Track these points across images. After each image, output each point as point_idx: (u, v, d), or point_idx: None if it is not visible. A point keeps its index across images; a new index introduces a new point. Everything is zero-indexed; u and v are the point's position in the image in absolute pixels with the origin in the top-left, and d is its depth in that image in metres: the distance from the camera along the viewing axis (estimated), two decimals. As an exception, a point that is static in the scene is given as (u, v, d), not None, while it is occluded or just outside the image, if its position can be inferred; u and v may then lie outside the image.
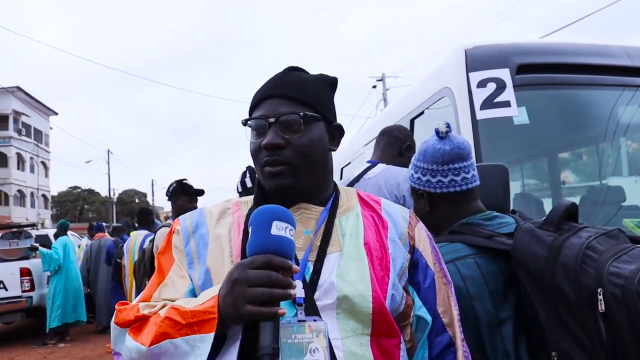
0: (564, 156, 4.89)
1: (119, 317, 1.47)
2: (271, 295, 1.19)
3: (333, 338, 1.34)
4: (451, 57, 3.93)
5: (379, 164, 3.51)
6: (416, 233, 1.59)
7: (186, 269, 1.51)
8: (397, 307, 1.45)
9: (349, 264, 1.43)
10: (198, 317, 1.29)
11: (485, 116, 3.49)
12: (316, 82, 1.59)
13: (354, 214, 1.57)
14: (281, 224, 1.26)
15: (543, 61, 3.75)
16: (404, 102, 5.28)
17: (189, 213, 1.65)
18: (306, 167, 1.50)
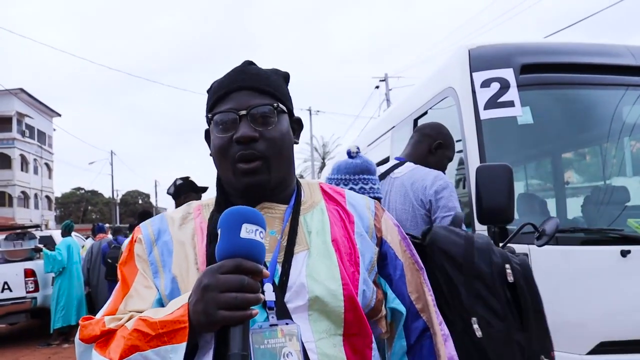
0: (568, 156, 4.88)
1: (83, 333, 1.38)
2: (244, 299, 1.15)
3: (306, 341, 1.31)
4: (455, 57, 3.93)
5: (407, 163, 3.46)
6: (383, 224, 1.56)
7: (151, 279, 1.45)
8: (368, 303, 1.44)
9: (318, 262, 1.39)
10: (168, 327, 1.22)
11: (489, 116, 3.49)
12: (275, 76, 1.54)
13: (318, 209, 1.52)
14: (251, 226, 1.21)
15: (547, 61, 3.75)
16: (408, 102, 5.29)
17: (149, 220, 1.58)
18: (278, 161, 1.45)
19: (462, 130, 3.61)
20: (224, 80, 1.49)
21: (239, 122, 1.41)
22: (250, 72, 1.49)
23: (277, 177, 1.46)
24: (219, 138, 1.44)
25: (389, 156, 5.49)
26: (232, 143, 1.42)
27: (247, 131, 1.39)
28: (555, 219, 2.99)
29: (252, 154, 1.40)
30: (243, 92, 1.44)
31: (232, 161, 1.42)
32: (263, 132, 1.41)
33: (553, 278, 3.13)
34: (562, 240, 3.15)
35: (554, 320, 3.07)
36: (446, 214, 3.12)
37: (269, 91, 1.46)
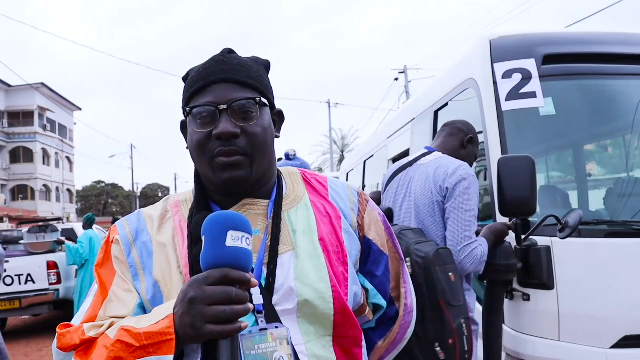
0: (590, 148, 4.83)
1: (62, 342, 1.30)
2: (232, 312, 1.10)
3: (296, 344, 1.29)
4: (476, 48, 3.89)
5: (435, 152, 3.45)
6: (365, 219, 1.51)
7: (131, 282, 1.37)
8: (359, 301, 1.42)
9: (306, 264, 1.34)
10: (153, 338, 1.16)
11: (511, 107, 3.45)
12: (257, 65, 1.45)
13: (303, 205, 1.46)
14: (237, 233, 1.14)
15: (569, 51, 3.69)
16: (428, 93, 5.25)
17: (125, 218, 1.50)
18: (260, 156, 1.38)
19: (483, 122, 3.57)
20: (202, 71, 1.40)
21: (218, 116, 1.34)
22: (230, 62, 1.40)
23: (258, 173, 1.40)
24: (197, 133, 1.36)
25: (409, 148, 5.47)
26: (211, 138, 1.34)
27: (227, 127, 1.32)
28: (578, 210, 2.97)
29: (233, 150, 1.34)
30: (223, 85, 1.36)
31: (210, 157, 1.36)
32: (244, 128, 1.35)
33: (576, 271, 3.10)
34: (585, 233, 3.11)
35: (575, 313, 3.06)
36: (458, 205, 3.08)
37: (250, 84, 1.38)
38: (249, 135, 1.35)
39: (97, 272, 1.43)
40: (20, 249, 11.57)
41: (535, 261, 3.14)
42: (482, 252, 3.03)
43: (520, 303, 3.21)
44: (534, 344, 3.11)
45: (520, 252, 3.18)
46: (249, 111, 1.35)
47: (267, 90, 1.43)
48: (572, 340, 3.03)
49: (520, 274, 3.21)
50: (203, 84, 1.37)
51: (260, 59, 1.51)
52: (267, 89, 1.44)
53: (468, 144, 3.51)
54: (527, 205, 2.95)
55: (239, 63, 1.40)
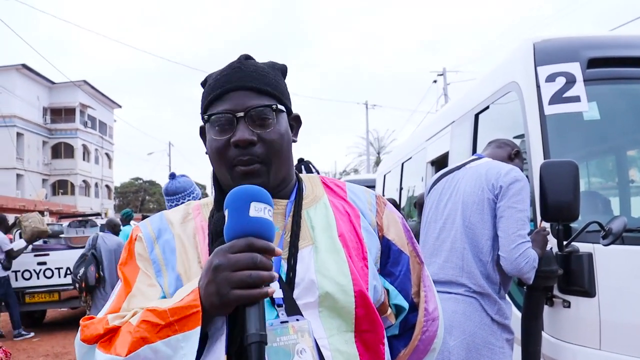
0: (635, 153, 4.73)
1: (85, 333, 1.30)
2: (258, 276, 1.11)
3: (319, 338, 1.27)
4: (519, 51, 3.85)
5: (485, 158, 3.45)
6: (384, 220, 1.51)
7: (154, 277, 1.39)
8: (379, 297, 1.41)
9: (327, 258, 1.35)
10: (179, 313, 1.17)
11: (554, 111, 3.41)
12: (273, 71, 1.46)
13: (321, 204, 1.47)
14: (259, 204, 1.17)
15: (614, 55, 3.64)
16: (468, 96, 5.21)
17: (147, 219, 1.53)
18: (277, 163, 1.39)
19: (525, 126, 3.54)
20: (219, 78, 1.42)
21: (236, 124, 1.35)
22: (247, 69, 1.41)
23: (276, 180, 1.41)
24: (215, 140, 1.38)
25: (448, 151, 5.44)
26: (229, 146, 1.36)
27: (245, 135, 1.33)
28: (622, 217, 2.92)
29: (251, 159, 1.35)
30: (240, 92, 1.37)
31: (229, 165, 1.37)
32: (261, 135, 1.36)
33: (618, 279, 3.05)
34: (629, 240, 3.05)
35: (617, 322, 3.00)
36: (512, 205, 3.05)
37: (267, 90, 1.39)
38: (266, 142, 1.36)
39: (120, 270, 1.45)
40: (61, 243, 11.81)
41: (577, 268, 3.09)
42: (535, 255, 3.00)
43: (561, 310, 3.17)
44: (574, 352, 3.07)
45: (562, 258, 3.14)
46: (265, 118, 1.37)
47: (283, 96, 1.44)
48: (614, 350, 2.97)
49: (561, 280, 3.17)
50: (220, 91, 1.39)
51: (277, 64, 1.53)
52: (284, 95, 1.45)
53: (515, 157, 3.49)
54: (570, 211, 2.91)
55: (256, 70, 1.42)
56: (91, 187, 55.83)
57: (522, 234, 3.01)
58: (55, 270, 10.96)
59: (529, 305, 3.19)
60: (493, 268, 3.12)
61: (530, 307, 3.18)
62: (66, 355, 9.00)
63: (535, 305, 3.17)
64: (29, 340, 10.32)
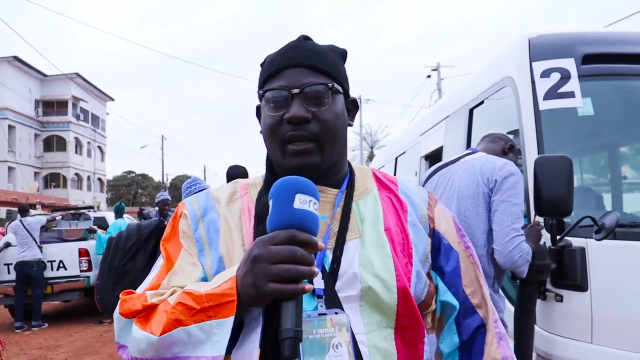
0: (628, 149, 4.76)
1: (124, 307, 1.31)
2: (297, 271, 1.09)
3: (357, 332, 1.25)
4: (514, 46, 3.86)
5: (479, 152, 3.47)
6: (436, 214, 1.47)
7: (197, 256, 1.38)
8: (419, 296, 1.36)
9: (371, 252, 1.32)
10: (214, 300, 1.16)
11: (549, 107, 3.42)
12: (332, 53, 1.45)
13: (371, 197, 1.44)
14: (305, 197, 1.14)
15: (609, 51, 3.64)
16: (463, 91, 5.22)
17: (194, 196, 1.51)
18: (331, 143, 1.36)
19: (520, 121, 3.55)
20: (277, 56, 1.41)
21: (291, 100, 1.33)
22: (305, 48, 1.40)
23: (329, 160, 1.39)
24: (270, 117, 1.37)
25: (443, 145, 5.45)
26: (282, 122, 1.34)
27: (299, 111, 1.32)
28: (615, 212, 2.93)
29: (304, 135, 1.33)
30: (297, 69, 1.36)
31: (281, 141, 1.35)
32: (316, 113, 1.34)
33: (610, 273, 3.07)
34: (621, 235, 3.07)
35: (609, 316, 3.03)
36: (506, 198, 3.08)
37: (324, 69, 1.37)
38: (320, 121, 1.34)
39: (163, 246, 1.45)
40: (54, 236, 11.79)
41: (570, 262, 3.11)
42: (529, 249, 3.02)
43: (553, 304, 3.19)
44: (566, 346, 3.09)
45: (555, 252, 3.16)
46: (321, 96, 1.35)
47: (341, 77, 1.42)
48: (605, 344, 3.00)
49: (554, 274, 3.19)
50: (277, 68, 1.38)
51: (337, 47, 1.51)
52: (342, 76, 1.43)
53: (509, 151, 3.52)
54: (564, 206, 2.93)
55: (314, 49, 1.41)
56: (83, 181, 55.63)
57: (516, 227, 3.03)
58: (48, 263, 10.94)
59: (522, 299, 3.21)
60: (488, 262, 3.14)
61: (524, 300, 3.20)
62: (59, 348, 8.99)
63: (528, 299, 3.19)
64: (21, 333, 10.31)
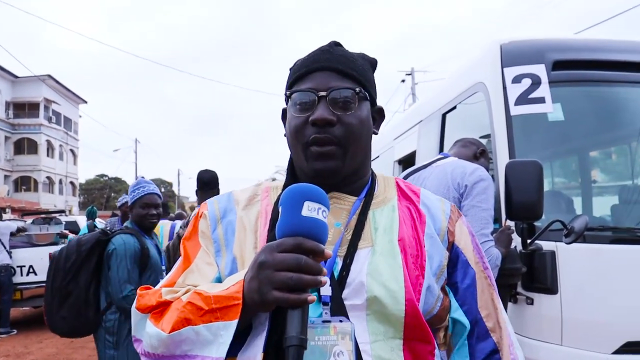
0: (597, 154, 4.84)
1: (140, 302, 1.35)
2: (300, 280, 1.08)
3: (361, 342, 1.23)
4: (486, 52, 3.91)
5: (451, 157, 3.51)
6: (457, 228, 1.44)
7: (213, 256, 1.40)
8: (430, 309, 1.33)
9: (381, 261, 1.30)
10: (221, 302, 1.18)
11: (520, 112, 3.47)
12: (362, 60, 1.46)
13: (389, 206, 1.42)
14: (313, 204, 1.14)
15: (579, 57, 3.71)
16: (436, 96, 5.26)
17: (216, 197, 1.53)
18: (354, 148, 1.36)
19: (491, 126, 3.59)
20: (307, 59, 1.43)
21: (317, 103, 1.34)
22: (335, 52, 1.42)
23: (350, 166, 1.39)
24: (295, 118, 1.38)
25: (416, 150, 5.48)
26: (307, 124, 1.35)
27: (324, 113, 1.32)
28: (584, 216, 2.98)
29: (327, 138, 1.33)
30: (325, 73, 1.37)
31: (305, 143, 1.36)
32: (341, 117, 1.34)
33: (580, 276, 3.12)
34: (590, 239, 3.12)
35: (578, 318, 3.07)
36: (476, 204, 3.11)
37: (352, 75, 1.38)
38: (345, 125, 1.35)
39: (183, 244, 1.47)
40: (24, 241, 11.60)
41: (540, 265, 3.16)
42: (497, 254, 3.05)
43: (524, 307, 3.23)
44: (537, 348, 3.13)
45: (525, 256, 3.20)
46: (347, 101, 1.36)
47: (369, 84, 1.43)
48: (575, 345, 3.04)
49: (525, 277, 3.22)
50: (306, 70, 1.39)
51: (367, 55, 1.51)
52: (370, 84, 1.44)
53: (480, 156, 3.57)
54: (534, 210, 2.97)
55: (344, 55, 1.42)
56: (55, 184, 54.84)
57: (485, 233, 3.06)
58: (18, 268, 10.76)
59: (493, 302, 3.24)
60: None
61: (495, 304, 3.23)
62: (28, 355, 8.85)
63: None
64: (-11, 340, 10.13)
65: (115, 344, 3.94)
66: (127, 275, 3.90)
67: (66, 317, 3.96)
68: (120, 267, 3.92)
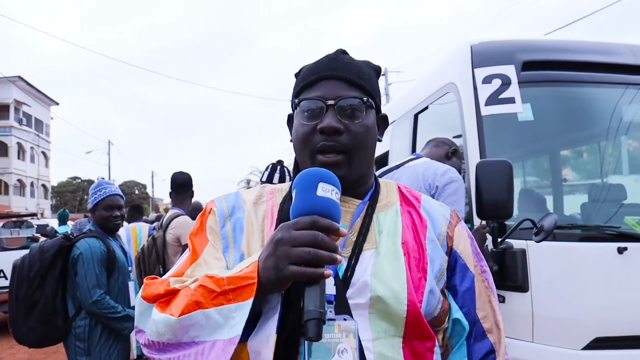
0: (567, 153, 4.91)
1: (146, 291, 1.36)
2: (317, 255, 1.11)
3: (364, 339, 1.27)
4: (457, 53, 3.95)
5: (423, 158, 3.53)
6: (456, 233, 1.48)
7: (221, 252, 1.42)
8: (432, 311, 1.36)
9: (385, 263, 1.34)
10: (235, 283, 1.19)
11: (490, 112, 3.51)
12: (368, 68, 1.49)
13: (393, 210, 1.47)
14: (327, 186, 1.19)
15: (548, 58, 3.76)
16: (408, 97, 5.30)
17: (224, 195, 1.55)
18: (359, 156, 1.40)
19: (462, 126, 3.63)
20: (315, 67, 1.45)
21: (325, 111, 1.37)
22: (343, 61, 1.44)
23: (356, 173, 1.42)
24: (303, 125, 1.40)
25: (389, 150, 5.51)
26: (315, 132, 1.38)
27: (332, 122, 1.35)
28: (553, 215, 3.02)
29: (335, 146, 1.36)
30: (333, 82, 1.40)
31: (312, 151, 1.39)
32: (348, 125, 1.37)
33: (550, 274, 3.16)
34: (559, 237, 3.17)
35: (548, 315, 3.11)
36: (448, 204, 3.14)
37: (359, 84, 1.41)
38: (352, 134, 1.37)
39: (190, 239, 1.49)
40: (-6, 244, 11.40)
41: (511, 264, 3.19)
42: None
43: (496, 305, 3.25)
44: (509, 345, 3.13)
45: (496, 254, 3.23)
46: (355, 110, 1.38)
47: (374, 92, 1.46)
48: (546, 342, 3.09)
49: (496, 276, 3.25)
50: (314, 78, 1.42)
51: (372, 63, 1.54)
52: (375, 92, 1.47)
53: (452, 155, 3.62)
54: (504, 209, 3.00)
55: (351, 63, 1.45)
56: (26, 187, 54.03)
57: None
58: (-12, 272, 10.57)
59: (465, 301, 3.27)
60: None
61: (467, 302, 3.26)
62: (-1, 360, 8.70)
63: (471, 300, 3.25)
64: (-41, 346, 9.94)
65: (87, 350, 3.85)
66: (95, 279, 3.82)
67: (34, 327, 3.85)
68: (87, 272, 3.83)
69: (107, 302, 3.80)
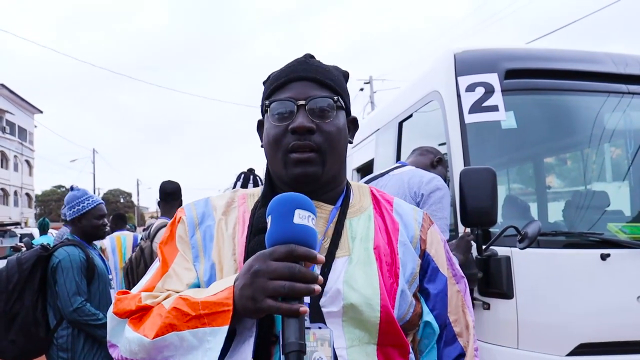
0: (550, 161, 4.94)
1: (118, 307, 1.35)
2: (292, 289, 1.10)
3: (338, 347, 1.27)
4: (440, 61, 3.97)
5: (408, 166, 3.54)
6: (428, 236, 1.48)
7: (191, 262, 1.41)
8: (404, 315, 1.37)
9: (357, 269, 1.33)
10: (210, 308, 1.18)
11: (474, 120, 3.53)
12: (336, 71, 1.50)
13: (366, 215, 1.46)
14: (304, 212, 1.17)
15: (531, 66, 3.80)
16: (393, 105, 5.31)
17: (193, 202, 1.53)
18: (332, 155, 1.40)
19: (446, 134, 3.64)
20: (284, 70, 1.46)
21: (296, 112, 1.37)
22: (312, 63, 1.46)
23: (329, 173, 1.41)
24: (275, 127, 1.39)
25: (374, 158, 5.52)
26: (287, 133, 1.37)
27: (304, 121, 1.35)
28: (537, 222, 3.04)
29: (307, 144, 1.36)
30: (303, 82, 1.41)
31: (285, 151, 1.38)
32: (320, 125, 1.37)
33: (534, 280, 3.18)
34: (543, 244, 3.19)
35: (533, 322, 3.13)
36: (432, 212, 3.15)
37: (329, 84, 1.42)
38: (324, 133, 1.38)
39: (160, 249, 1.47)
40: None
41: (496, 271, 3.21)
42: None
43: (481, 312, 3.27)
44: (494, 353, 3.17)
45: (481, 261, 3.24)
46: (325, 110, 1.39)
47: (344, 94, 1.48)
48: (531, 348, 3.10)
49: (481, 283, 3.27)
50: (284, 80, 1.42)
51: (339, 68, 1.55)
52: (345, 93, 1.48)
53: (437, 164, 3.64)
54: (488, 216, 3.02)
55: (320, 65, 1.46)
56: (10, 196, 53.53)
57: None
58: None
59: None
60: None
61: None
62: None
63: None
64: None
65: None
66: (75, 286, 3.79)
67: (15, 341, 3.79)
68: (67, 280, 3.79)
69: (88, 309, 3.76)
